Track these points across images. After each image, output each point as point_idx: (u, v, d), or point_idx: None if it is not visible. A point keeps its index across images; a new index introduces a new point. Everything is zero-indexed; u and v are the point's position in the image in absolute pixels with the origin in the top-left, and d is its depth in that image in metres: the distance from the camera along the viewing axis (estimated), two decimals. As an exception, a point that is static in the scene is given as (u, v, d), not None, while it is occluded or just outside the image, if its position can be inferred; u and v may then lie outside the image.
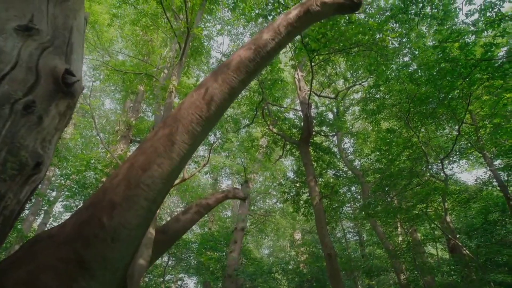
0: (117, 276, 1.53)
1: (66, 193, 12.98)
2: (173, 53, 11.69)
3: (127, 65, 11.97)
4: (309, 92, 10.31)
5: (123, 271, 1.60)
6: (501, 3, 8.63)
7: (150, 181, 1.75)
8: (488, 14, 8.87)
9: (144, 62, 11.75)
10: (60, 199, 16.79)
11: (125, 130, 13.24)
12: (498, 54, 7.60)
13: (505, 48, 8.83)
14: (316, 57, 9.87)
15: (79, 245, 1.38)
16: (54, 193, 17.35)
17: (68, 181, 13.27)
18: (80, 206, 11.82)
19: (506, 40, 10.70)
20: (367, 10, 11.91)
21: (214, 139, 12.87)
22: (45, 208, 15.75)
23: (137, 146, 19.77)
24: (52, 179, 16.60)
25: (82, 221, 1.50)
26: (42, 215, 16.06)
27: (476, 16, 9.90)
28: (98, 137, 16.96)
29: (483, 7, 8.91)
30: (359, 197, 17.14)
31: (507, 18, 7.86)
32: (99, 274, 1.39)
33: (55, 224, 16.23)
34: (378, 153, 12.61)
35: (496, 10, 8.73)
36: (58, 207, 18.43)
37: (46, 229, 15.60)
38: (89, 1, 12.18)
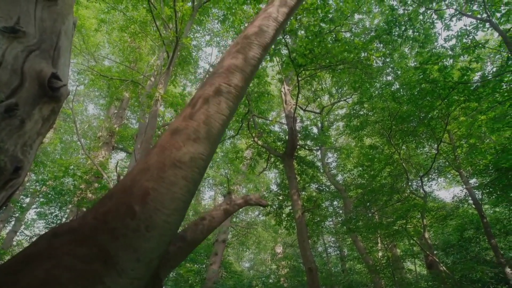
0: (150, 268, 1.37)
1: (41, 199, 12.45)
2: (161, 62, 11.66)
3: (113, 71, 11.83)
4: (294, 106, 10.47)
5: (157, 261, 1.42)
6: (475, 31, 9.22)
7: (187, 157, 1.61)
8: (464, 40, 9.42)
9: (131, 69, 11.64)
10: (34, 206, 16.07)
11: (108, 137, 12.95)
12: (473, 78, 8.00)
13: (480, 73, 9.32)
14: (303, 72, 10.08)
15: (105, 239, 1.23)
16: (27, 200, 16.59)
17: (44, 187, 12.76)
18: (55, 213, 11.36)
19: (480, 65, 11.29)
20: (353, 29, 12.34)
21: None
22: (17, 215, 15.01)
23: (119, 153, 19.31)
24: (27, 184, 15.91)
25: (106, 211, 1.32)
26: (13, 222, 15.27)
27: (453, 41, 10.46)
28: (79, 142, 16.51)
29: (459, 33, 9.46)
30: (341, 211, 17.29)
31: (480, 45, 8.34)
32: (129, 268, 1.24)
33: (26, 232, 15.44)
34: (360, 168, 12.84)
35: (471, 37, 9.29)
36: (31, 214, 17.63)
37: (15, 238, 14.84)
38: (76, 5, 12.06)
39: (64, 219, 11.49)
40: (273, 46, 9.25)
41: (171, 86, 13.35)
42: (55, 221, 11.52)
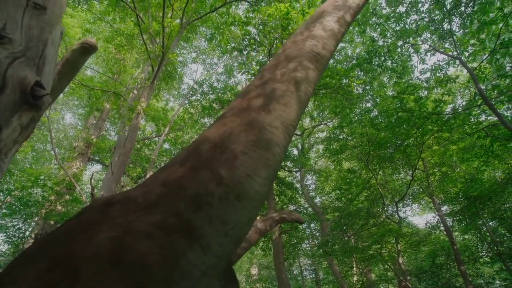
0: (235, 248, 1.09)
1: (4, 210, 11.67)
2: (145, 75, 11.61)
3: (95, 81, 11.63)
4: (277, 126, 10.58)
5: (241, 242, 1.14)
6: (447, 67, 9.93)
7: (278, 122, 1.41)
8: (437, 74, 10.07)
9: (114, 80, 11.49)
10: (-5, 217, 15.00)
11: (84, 147, 12.50)
12: (446, 110, 8.48)
13: (451, 106, 9.91)
14: (286, 94, 10.27)
15: (183, 207, 0.99)
16: (-12, 210, 15.50)
17: (8, 197, 12.00)
18: (18, 226, 10.63)
19: (452, 98, 11.99)
20: (335, 56, 12.86)
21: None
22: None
23: (95, 165, 18.58)
24: (-11, 194, 14.90)
25: (180, 176, 1.08)
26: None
27: (428, 74, 11.13)
28: (52, 152, 15.84)
29: (433, 68, 10.11)
30: (317, 234, 17.30)
31: (452, 80, 8.93)
32: (216, 243, 1.01)
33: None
34: (338, 191, 13.01)
35: (443, 72, 9.96)
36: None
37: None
38: (63, 13, 11.92)
39: (28, 233, 10.79)
40: (257, 67, 9.46)
41: (154, 100, 13.25)
42: (17, 235, 10.78)
